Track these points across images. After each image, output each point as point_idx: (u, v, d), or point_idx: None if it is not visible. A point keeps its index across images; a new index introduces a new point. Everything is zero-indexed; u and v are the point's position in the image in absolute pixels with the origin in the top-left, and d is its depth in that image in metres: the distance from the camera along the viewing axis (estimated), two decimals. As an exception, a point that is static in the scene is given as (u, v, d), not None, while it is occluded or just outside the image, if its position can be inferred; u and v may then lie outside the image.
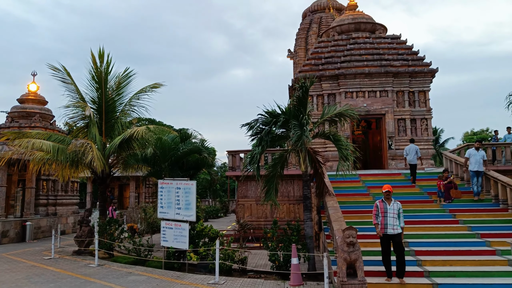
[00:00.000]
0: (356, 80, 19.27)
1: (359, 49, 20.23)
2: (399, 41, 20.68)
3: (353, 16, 21.87)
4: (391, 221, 8.37)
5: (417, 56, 19.62)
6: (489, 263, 9.07)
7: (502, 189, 12.10)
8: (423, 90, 18.99)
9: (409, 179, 15.13)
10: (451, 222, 11.42)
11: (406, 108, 18.79)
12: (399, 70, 18.88)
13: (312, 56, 21.06)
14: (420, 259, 9.24)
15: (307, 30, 35.72)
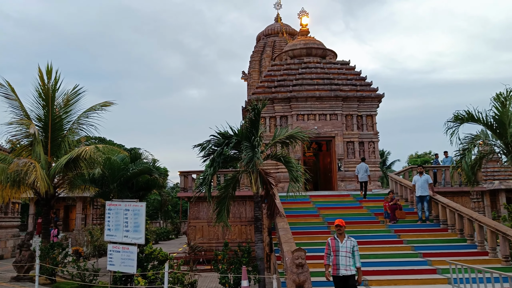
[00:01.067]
0: (307, 103, 19.80)
1: (311, 73, 20.87)
2: (348, 66, 21.55)
3: (305, 41, 22.60)
4: (344, 261, 7.27)
5: (365, 82, 20.50)
6: (430, 281, 9.44)
7: (442, 210, 12.74)
8: (370, 114, 19.80)
9: (358, 200, 15.60)
10: (396, 242, 11.84)
11: (354, 131, 19.48)
12: (348, 95, 19.63)
13: (265, 78, 21.47)
14: (367, 279, 9.47)
15: (261, 53, 36.46)
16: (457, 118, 12.03)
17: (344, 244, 7.41)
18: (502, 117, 11.41)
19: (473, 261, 10.05)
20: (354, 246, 7.40)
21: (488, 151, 12.64)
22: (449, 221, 12.36)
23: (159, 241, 31.27)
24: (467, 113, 11.89)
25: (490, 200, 26.18)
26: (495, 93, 11.58)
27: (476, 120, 11.87)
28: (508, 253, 10.09)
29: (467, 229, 11.55)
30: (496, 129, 11.74)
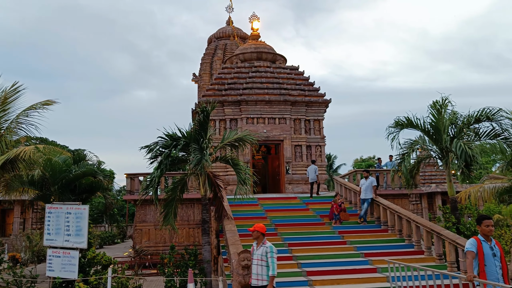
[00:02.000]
0: (257, 107, 20.00)
1: (261, 77, 21.11)
2: (297, 72, 22.02)
3: (255, 46, 22.83)
4: (255, 270, 6.87)
5: (313, 87, 21.03)
6: (370, 280, 9.84)
7: (383, 212, 13.33)
8: (318, 119, 20.34)
9: (305, 202, 15.97)
10: (339, 243, 12.22)
11: (302, 135, 19.92)
12: (297, 99, 20.05)
13: (216, 81, 21.46)
14: (311, 279, 9.72)
15: (212, 55, 36.36)
16: (397, 124, 12.65)
17: (257, 251, 6.98)
18: (438, 124, 12.13)
19: (410, 259, 10.59)
20: (268, 252, 6.87)
21: (425, 155, 13.39)
22: (389, 222, 12.94)
23: (103, 246, 30.25)
24: (406, 119, 12.54)
25: (427, 202, 27.69)
26: (432, 101, 12.31)
27: (414, 126, 12.54)
28: (442, 252, 10.71)
29: (405, 230, 12.15)
30: (432, 135, 12.46)
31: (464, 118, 12.21)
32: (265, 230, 7.12)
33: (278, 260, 10.70)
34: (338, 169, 48.85)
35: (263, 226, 7.12)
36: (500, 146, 11.69)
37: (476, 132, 12.19)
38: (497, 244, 6.00)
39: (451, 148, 11.65)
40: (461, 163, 11.24)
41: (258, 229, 7.00)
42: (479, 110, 11.89)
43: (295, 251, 11.40)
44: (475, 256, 5.85)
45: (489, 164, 45.10)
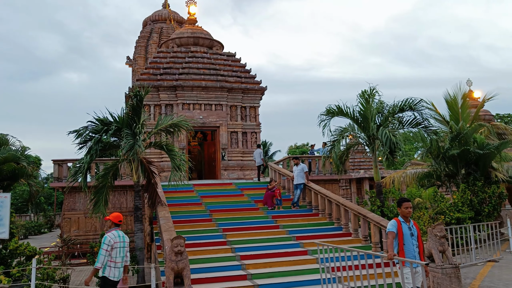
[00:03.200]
0: (193, 93, 19.76)
1: (197, 63, 20.84)
2: (234, 58, 21.99)
3: (192, 30, 22.44)
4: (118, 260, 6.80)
5: (249, 74, 21.15)
6: (302, 262, 10.22)
7: (315, 196, 13.83)
8: (253, 106, 20.52)
9: (240, 188, 16.15)
10: (273, 227, 12.53)
11: (238, 122, 20.02)
12: (233, 86, 20.07)
13: (151, 65, 20.87)
14: (245, 263, 9.90)
15: (147, 38, 35.23)
16: (328, 112, 13.13)
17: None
18: (366, 112, 12.76)
19: (339, 241, 11.13)
20: (121, 242, 6.83)
21: (354, 142, 14.04)
22: (320, 206, 13.47)
23: (28, 236, 28.64)
24: (337, 108, 13.05)
25: (356, 187, 29.14)
26: (361, 91, 12.91)
27: (345, 114, 13.10)
28: (367, 233, 11.36)
29: (334, 213, 12.71)
30: (361, 123, 13.09)
31: (390, 108, 12.94)
32: (118, 219, 6.97)
33: (212, 245, 10.90)
34: (273, 156, 49.76)
35: (116, 215, 6.96)
36: (421, 134, 12.56)
37: (400, 121, 12.99)
38: (415, 225, 6.48)
39: (378, 136, 12.32)
40: (386, 149, 11.93)
41: (110, 218, 6.89)
42: (403, 100, 12.66)
43: (229, 236, 11.53)
44: (396, 236, 6.29)
45: (412, 152, 48.26)
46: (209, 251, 10.59)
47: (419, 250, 6.31)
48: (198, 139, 22.90)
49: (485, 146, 14.08)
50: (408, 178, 16.44)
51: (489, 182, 14.39)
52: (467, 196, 13.58)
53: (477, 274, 10.10)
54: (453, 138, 14.28)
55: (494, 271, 10.39)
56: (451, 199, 14.05)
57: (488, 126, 16.21)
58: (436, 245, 8.73)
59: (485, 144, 14.24)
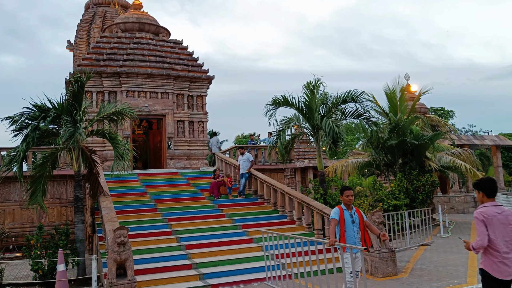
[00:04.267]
0: (138, 80, 19.22)
1: (143, 49, 20.25)
2: (181, 46, 21.60)
3: (137, 16, 21.75)
4: None
5: (197, 63, 20.89)
6: (247, 250, 10.38)
7: (260, 185, 14.04)
8: (201, 95, 20.33)
9: (186, 178, 16.04)
10: (219, 217, 12.59)
11: (185, 111, 19.76)
12: (180, 74, 19.74)
13: (93, 50, 20.02)
14: (190, 252, 9.90)
15: (90, 22, 33.68)
16: (275, 102, 13.32)
17: None
18: (310, 103, 13.07)
19: (283, 229, 11.41)
20: None
21: (299, 132, 14.35)
22: (266, 195, 13.70)
23: (-43, 230, 26.70)
24: (283, 98, 13.26)
25: (301, 176, 29.84)
26: (306, 82, 13.19)
27: (290, 104, 13.34)
28: (311, 221, 11.72)
29: (279, 202, 12.98)
30: (306, 114, 13.40)
31: (333, 99, 13.35)
32: None
33: (157, 235, 10.79)
34: (220, 145, 49.66)
35: None
36: (362, 125, 13.08)
37: (343, 112, 13.44)
38: (357, 212, 6.76)
39: (321, 126, 12.68)
40: (329, 139, 12.32)
41: None
42: (346, 92, 13.10)
43: (174, 226, 11.46)
44: (338, 223, 6.55)
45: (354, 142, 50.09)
46: (154, 241, 10.48)
47: (360, 236, 6.58)
48: (144, 127, 22.38)
49: (420, 137, 14.92)
50: (350, 167, 17.09)
51: (423, 171, 15.29)
52: (403, 184, 14.35)
53: (411, 257, 10.76)
54: (392, 129, 15.00)
55: (426, 254, 11.11)
56: (389, 187, 14.78)
57: (423, 118, 17.17)
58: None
59: (420, 135, 15.09)
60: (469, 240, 12.52)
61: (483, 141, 25.50)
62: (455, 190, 23.84)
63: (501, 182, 25.96)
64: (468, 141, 24.07)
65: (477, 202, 23.29)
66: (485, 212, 4.40)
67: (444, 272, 8.96)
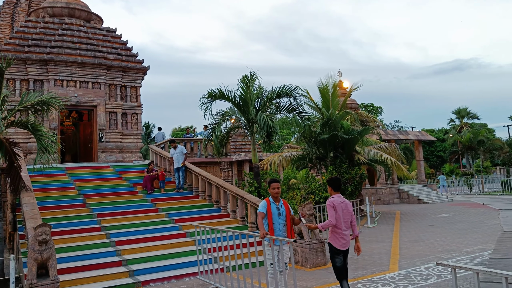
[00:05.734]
0: (67, 68, 18.22)
1: (73, 36, 19.21)
2: (115, 35, 20.76)
3: (67, 0, 20.56)
4: None
5: (131, 53, 20.19)
6: (180, 245, 10.27)
7: (195, 179, 13.93)
8: (135, 86, 19.70)
9: (118, 171, 15.53)
10: (152, 211, 12.33)
11: (118, 102, 19.07)
12: (113, 64, 18.98)
13: (17, 35, 18.64)
14: (120, 249, 9.61)
15: (14, 5, 31.31)
16: (210, 95, 13.23)
17: None
18: (246, 97, 13.14)
19: (217, 223, 11.42)
20: None
21: (234, 126, 14.39)
22: (201, 188, 13.62)
23: None
24: (219, 91, 13.21)
25: (237, 169, 29.99)
26: (242, 75, 13.23)
27: (226, 98, 13.32)
28: (244, 214, 11.83)
29: (214, 195, 12.97)
30: (241, 107, 13.45)
31: (269, 93, 13.52)
32: None
33: (85, 232, 10.37)
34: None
35: None
36: (296, 119, 13.38)
37: (277, 106, 13.65)
38: (284, 204, 6.90)
39: (256, 120, 12.80)
40: (263, 133, 12.47)
41: None
42: (281, 87, 13.31)
43: (104, 222, 11.07)
44: (265, 216, 6.66)
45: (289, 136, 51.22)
46: (82, 238, 10.06)
47: (286, 229, 6.73)
48: (73, 119, 21.30)
49: (351, 131, 15.57)
50: (284, 161, 17.44)
51: (352, 164, 15.99)
52: (334, 177, 14.90)
53: (339, 247, 11.21)
54: (324, 123, 15.50)
55: (353, 244, 11.63)
56: (321, 180, 15.29)
57: (353, 114, 17.92)
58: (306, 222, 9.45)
59: (350, 130, 15.74)
60: (393, 228, 13.25)
61: (407, 136, 27.14)
62: (381, 182, 25.20)
63: (422, 175, 27.83)
64: (394, 136, 25.50)
65: (401, 193, 24.85)
66: (334, 201, 6.12)
67: (369, 261, 9.44)
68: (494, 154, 48.19)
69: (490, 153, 46.30)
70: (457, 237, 11.87)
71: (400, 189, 25.12)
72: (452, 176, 42.85)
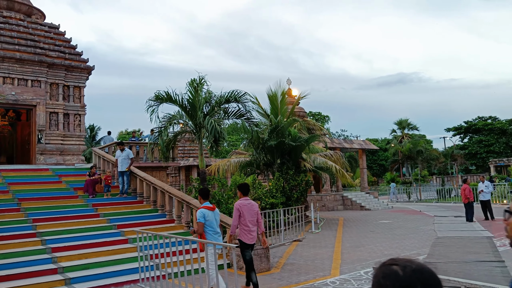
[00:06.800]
0: (4, 64, 17.19)
1: (11, 31, 18.16)
2: (58, 31, 19.88)
3: (6, -8, 19.44)
4: None
5: (75, 51, 19.42)
6: (122, 251, 9.95)
7: (140, 184, 13.58)
8: (78, 86, 18.94)
9: (57, 175, 14.82)
10: (93, 216, 11.87)
11: (60, 102, 18.23)
12: (55, 62, 18.15)
13: None
14: (56, 256, 9.15)
15: None
16: (157, 98, 12.97)
17: None
18: (194, 101, 13.01)
19: (162, 228, 11.17)
20: None
21: (182, 130, 14.20)
22: (145, 193, 13.29)
23: None
24: (166, 94, 12.98)
25: (185, 174, 29.60)
26: (190, 79, 13.10)
27: (173, 101, 13.11)
28: (190, 219, 11.67)
29: (159, 200, 12.70)
30: (189, 111, 13.30)
31: (217, 98, 13.47)
32: None
33: (19, 238, 9.79)
34: (101, 141, 46.98)
35: None
36: (244, 125, 13.42)
37: (226, 111, 13.63)
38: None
39: (204, 124, 12.71)
40: (211, 138, 12.40)
41: None
42: (230, 92, 13.32)
43: (40, 227, 10.51)
44: (205, 223, 7.05)
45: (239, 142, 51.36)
46: (15, 245, 9.49)
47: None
48: (10, 118, 20.08)
49: (298, 139, 15.86)
50: (232, 167, 17.44)
51: (299, 171, 16.27)
52: (280, 183, 15.10)
53: (284, 253, 11.36)
54: (272, 130, 15.68)
55: (297, 249, 11.83)
56: (268, 186, 15.43)
57: (301, 121, 18.28)
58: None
59: (297, 137, 16.03)
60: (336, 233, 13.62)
61: (352, 144, 28.08)
62: (326, 189, 25.86)
63: (365, 182, 28.88)
64: (340, 144, 26.29)
65: (345, 200, 25.61)
66: (240, 204, 7.35)
67: (312, 266, 9.62)
68: (431, 163, 51.00)
69: (427, 162, 48.96)
70: (396, 242, 12.39)
71: (344, 196, 25.89)
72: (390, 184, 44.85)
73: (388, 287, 1.07)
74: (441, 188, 31.68)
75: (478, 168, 56.12)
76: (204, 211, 7.15)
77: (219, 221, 7.57)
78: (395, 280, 1.07)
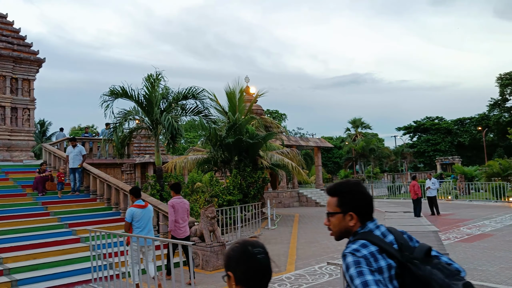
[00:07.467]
0: None
1: (-48, 18, 17.07)
2: (5, 21, 18.88)
3: None
4: None
5: (24, 42, 18.52)
6: (73, 250, 9.64)
7: (93, 181, 13.19)
8: (28, 79, 18.09)
9: (4, 172, 14.10)
10: (42, 215, 11.41)
11: (7, 95, 17.33)
12: (2, 53, 17.22)
13: None
14: (2, 257, 8.74)
15: None
16: (112, 93, 12.64)
17: None
18: (151, 97, 12.79)
19: (116, 227, 10.90)
20: None
21: (138, 126, 13.91)
22: (99, 191, 12.93)
23: None
24: (122, 89, 12.68)
25: (141, 172, 29.00)
26: (147, 74, 12.86)
27: (129, 96, 12.82)
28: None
29: (113, 198, 12.40)
30: (145, 107, 13.06)
31: (175, 94, 13.31)
32: None
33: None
34: (52, 137, 45.19)
35: None
36: (201, 122, 13.34)
37: (183, 108, 13.50)
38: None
39: (161, 121, 12.52)
40: (167, 134, 12.24)
41: None
42: (187, 88, 13.19)
43: (-17, 227, 9.98)
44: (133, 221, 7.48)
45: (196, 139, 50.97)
46: (-45, 246, 8.95)
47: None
48: (-49, 111, 18.87)
49: (255, 136, 15.96)
50: (189, 164, 17.29)
51: (256, 168, 16.39)
52: (238, 181, 15.14)
53: (240, 250, 11.40)
54: (230, 127, 15.69)
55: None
56: (225, 183, 15.44)
57: (258, 119, 18.39)
58: (207, 225, 9.47)
59: (255, 134, 16.14)
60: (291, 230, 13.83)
61: (308, 142, 28.60)
62: (283, 186, 26.19)
63: (320, 179, 29.51)
64: (296, 142, 26.69)
65: (301, 197, 26.05)
66: (174, 202, 8.11)
67: (267, 262, 9.73)
68: (383, 161, 52.86)
69: (379, 160, 50.70)
70: (348, 237, 12.76)
71: (300, 192, 26.32)
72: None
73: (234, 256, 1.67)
74: (391, 185, 32.91)
75: (426, 166, 58.84)
76: (133, 209, 7.36)
77: (151, 217, 7.75)
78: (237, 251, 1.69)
